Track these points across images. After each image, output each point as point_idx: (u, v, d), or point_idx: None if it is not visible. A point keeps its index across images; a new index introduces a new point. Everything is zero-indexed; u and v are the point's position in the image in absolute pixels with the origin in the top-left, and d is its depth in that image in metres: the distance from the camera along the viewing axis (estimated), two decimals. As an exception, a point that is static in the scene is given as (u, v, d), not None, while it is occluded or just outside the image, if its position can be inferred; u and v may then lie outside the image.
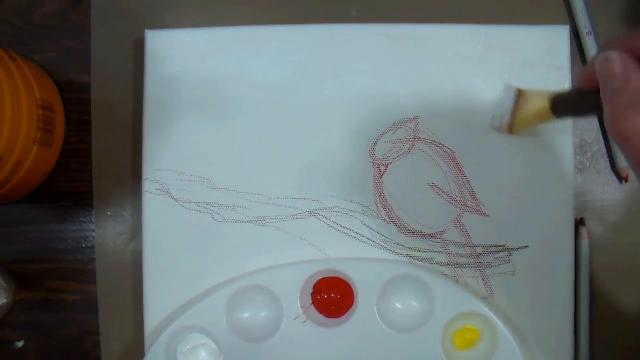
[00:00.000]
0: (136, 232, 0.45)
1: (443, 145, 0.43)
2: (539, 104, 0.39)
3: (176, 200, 0.43)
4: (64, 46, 0.46)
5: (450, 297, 0.42)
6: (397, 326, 0.42)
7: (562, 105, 0.37)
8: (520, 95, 0.40)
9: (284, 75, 0.44)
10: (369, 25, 0.44)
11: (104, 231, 0.46)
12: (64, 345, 0.45)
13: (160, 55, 0.44)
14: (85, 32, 0.46)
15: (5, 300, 0.45)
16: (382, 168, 0.43)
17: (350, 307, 0.43)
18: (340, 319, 0.43)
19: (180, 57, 0.44)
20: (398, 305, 0.43)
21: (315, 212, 0.43)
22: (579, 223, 0.44)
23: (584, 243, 0.44)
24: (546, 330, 0.42)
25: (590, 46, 0.44)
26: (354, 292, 0.42)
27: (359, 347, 0.42)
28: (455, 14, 0.46)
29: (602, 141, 0.45)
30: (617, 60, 0.26)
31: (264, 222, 0.43)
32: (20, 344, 0.45)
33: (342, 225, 0.43)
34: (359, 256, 0.43)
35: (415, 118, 0.43)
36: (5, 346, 0.45)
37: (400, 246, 0.43)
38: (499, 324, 0.41)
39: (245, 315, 0.43)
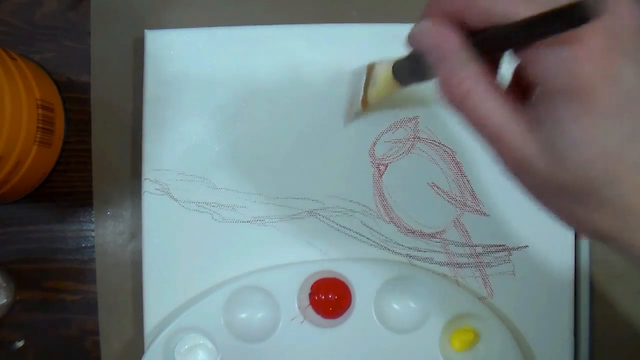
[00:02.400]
0: (136, 232, 0.45)
1: (443, 145, 0.43)
2: (386, 72, 0.37)
3: (176, 200, 0.43)
4: (64, 46, 0.46)
5: (448, 298, 0.42)
6: (394, 327, 0.42)
7: (401, 71, 0.36)
8: (370, 69, 0.39)
9: (284, 75, 0.44)
10: (369, 25, 0.44)
11: (104, 231, 0.46)
12: (64, 345, 0.45)
13: (160, 55, 0.44)
14: (85, 32, 0.46)
15: (5, 300, 0.45)
16: (382, 168, 0.43)
17: (348, 308, 0.43)
18: (337, 319, 0.43)
19: (180, 57, 0.44)
20: (396, 306, 0.43)
21: (315, 212, 0.43)
22: None
23: (584, 243, 0.44)
24: (546, 330, 0.42)
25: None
26: (352, 293, 0.42)
27: (356, 349, 0.42)
28: (455, 14, 0.45)
29: (602, 141, 0.45)
30: (427, 33, 0.26)
31: (263, 222, 0.43)
32: (20, 344, 0.45)
33: (342, 225, 0.43)
34: (358, 256, 0.43)
35: (415, 118, 0.43)
36: (5, 346, 0.45)
37: (400, 246, 0.43)
38: (500, 325, 0.41)
39: (243, 315, 0.43)
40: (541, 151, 0.24)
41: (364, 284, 0.42)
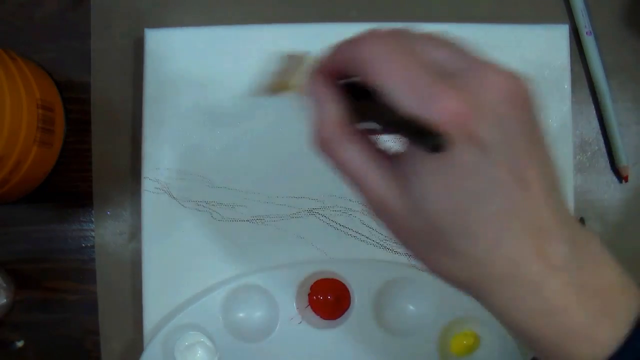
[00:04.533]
0: (136, 232, 0.45)
1: (443, 144, 0.43)
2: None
3: (175, 199, 0.43)
4: (64, 46, 0.46)
5: (448, 301, 0.42)
6: (393, 330, 0.42)
7: None
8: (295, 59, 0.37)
9: (284, 74, 0.44)
10: (369, 25, 0.44)
11: (104, 231, 0.46)
12: (64, 345, 0.45)
13: (160, 55, 0.44)
14: (85, 32, 0.46)
15: (5, 300, 0.45)
16: (382, 167, 0.43)
17: (347, 309, 0.42)
18: (336, 321, 0.43)
19: (179, 56, 0.44)
20: (395, 308, 0.43)
21: (315, 211, 0.43)
22: (578, 223, 0.44)
23: (584, 243, 0.43)
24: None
25: (590, 46, 0.44)
26: (351, 295, 0.42)
27: (354, 351, 0.42)
28: (455, 13, 0.46)
29: (602, 141, 0.45)
30: (311, 91, 0.29)
31: (263, 221, 0.43)
32: (20, 344, 0.45)
33: (342, 224, 0.43)
34: (358, 255, 0.43)
35: (415, 117, 0.43)
36: (5, 346, 0.45)
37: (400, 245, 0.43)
38: (501, 329, 0.41)
39: (241, 315, 0.43)
40: (399, 195, 0.26)
41: (363, 285, 0.42)
